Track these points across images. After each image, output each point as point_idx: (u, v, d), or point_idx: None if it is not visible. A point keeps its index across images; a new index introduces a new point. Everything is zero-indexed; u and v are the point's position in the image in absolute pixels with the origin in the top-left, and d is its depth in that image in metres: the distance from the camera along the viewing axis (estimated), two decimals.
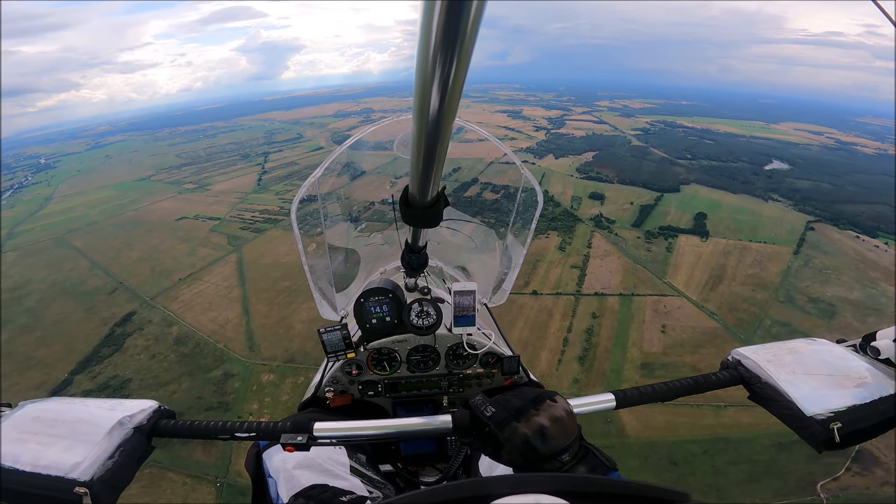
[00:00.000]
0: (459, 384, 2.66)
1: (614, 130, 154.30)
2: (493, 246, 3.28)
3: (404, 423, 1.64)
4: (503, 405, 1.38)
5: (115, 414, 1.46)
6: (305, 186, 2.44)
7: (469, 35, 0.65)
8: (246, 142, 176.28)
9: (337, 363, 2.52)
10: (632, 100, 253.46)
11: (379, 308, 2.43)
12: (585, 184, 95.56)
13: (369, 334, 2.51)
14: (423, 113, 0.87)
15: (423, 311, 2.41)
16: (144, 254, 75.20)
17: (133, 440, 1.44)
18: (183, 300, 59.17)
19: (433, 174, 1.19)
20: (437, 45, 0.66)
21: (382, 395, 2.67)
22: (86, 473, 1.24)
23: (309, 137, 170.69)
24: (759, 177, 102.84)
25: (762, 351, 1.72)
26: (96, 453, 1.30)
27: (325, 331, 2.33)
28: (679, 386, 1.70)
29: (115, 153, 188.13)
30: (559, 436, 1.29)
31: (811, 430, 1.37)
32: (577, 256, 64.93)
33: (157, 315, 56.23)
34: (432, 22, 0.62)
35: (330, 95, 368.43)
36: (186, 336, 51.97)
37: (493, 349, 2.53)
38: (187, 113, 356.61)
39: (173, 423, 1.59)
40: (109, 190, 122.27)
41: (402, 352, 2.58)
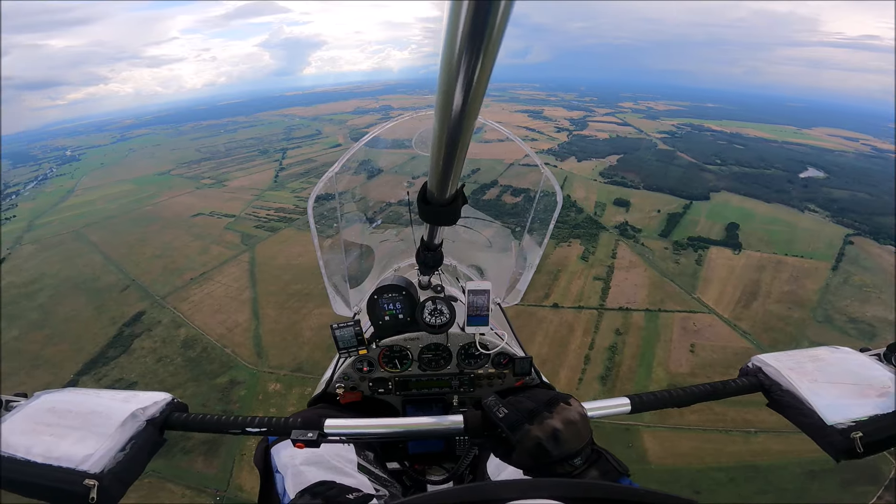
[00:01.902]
0: (470, 384, 2.62)
1: (639, 133, 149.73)
2: (509, 246, 3.22)
3: (415, 423, 1.64)
4: (516, 407, 1.37)
5: (128, 406, 1.48)
6: (322, 182, 2.46)
7: (496, 35, 0.65)
8: (265, 137, 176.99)
9: (348, 360, 2.50)
10: (656, 101, 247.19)
11: (392, 305, 2.43)
12: (610, 189, 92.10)
13: (382, 331, 2.50)
14: (446, 111, 0.87)
15: (437, 310, 2.37)
16: (158, 250, 74.82)
17: (145, 433, 1.45)
18: (193, 301, 58.26)
19: (453, 172, 1.19)
20: (463, 43, 0.66)
21: (393, 393, 2.65)
22: (96, 466, 1.25)
23: (327, 134, 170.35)
24: (794, 185, 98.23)
25: (784, 358, 1.68)
26: (108, 445, 1.32)
27: (337, 327, 2.30)
28: (696, 392, 1.68)
29: (139, 146, 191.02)
30: (572, 439, 1.29)
31: (831, 439, 1.36)
32: (600, 267, 62.10)
33: (167, 316, 55.42)
34: (459, 21, 0.62)
35: (349, 92, 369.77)
36: (194, 339, 50.96)
37: (506, 350, 2.48)
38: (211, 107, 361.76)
39: (185, 416, 1.58)
40: (129, 184, 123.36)
41: (414, 350, 2.55)
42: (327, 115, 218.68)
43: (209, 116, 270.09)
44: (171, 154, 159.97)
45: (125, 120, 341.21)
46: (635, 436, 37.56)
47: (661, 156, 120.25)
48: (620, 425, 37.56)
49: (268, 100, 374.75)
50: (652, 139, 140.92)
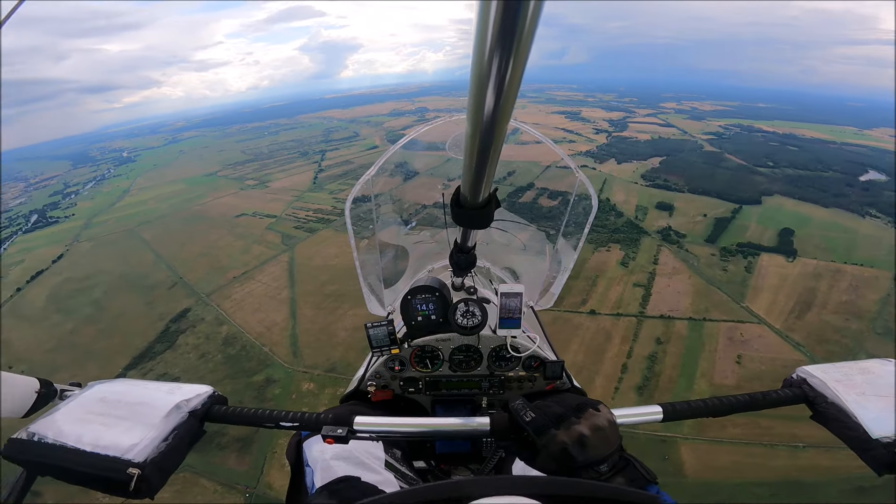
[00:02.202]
0: (500, 386, 2.63)
1: (683, 134, 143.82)
2: (543, 249, 3.23)
3: (442, 423, 1.65)
4: (543, 411, 1.38)
5: (172, 397, 1.53)
6: (359, 185, 2.50)
7: (526, 35, 0.64)
8: (305, 139, 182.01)
9: (381, 358, 2.52)
10: (701, 101, 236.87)
11: (425, 306, 2.43)
12: (651, 192, 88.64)
13: (414, 331, 2.52)
14: (478, 113, 0.86)
15: (469, 311, 2.38)
16: (204, 249, 77.98)
17: (187, 424, 1.50)
18: (235, 299, 60.25)
19: (486, 175, 1.19)
20: (493, 44, 0.66)
21: (423, 393, 2.66)
22: (140, 455, 1.30)
23: (364, 136, 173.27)
24: (853, 189, 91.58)
25: (831, 370, 1.64)
26: (152, 435, 1.37)
27: (371, 326, 2.34)
28: (734, 402, 1.63)
29: (189, 148, 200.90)
30: (599, 445, 1.29)
31: (874, 453, 1.33)
32: (641, 273, 59.70)
33: (210, 313, 57.50)
34: (488, 21, 0.62)
35: (385, 94, 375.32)
36: (234, 337, 52.58)
37: (537, 353, 2.46)
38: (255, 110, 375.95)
39: (225, 408, 1.63)
40: (180, 184, 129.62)
41: (446, 350, 2.56)
42: (364, 118, 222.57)
43: (253, 119, 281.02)
44: (218, 155, 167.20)
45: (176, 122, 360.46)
46: (671, 447, 36.24)
47: (707, 157, 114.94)
48: (656, 436, 36.32)
49: (307, 102, 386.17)
50: (697, 140, 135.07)
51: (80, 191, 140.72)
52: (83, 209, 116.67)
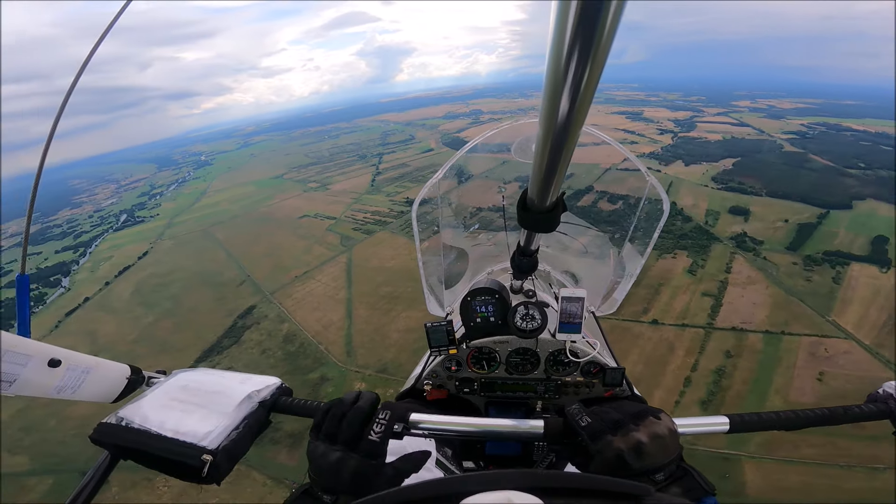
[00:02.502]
0: (556, 390, 2.61)
1: (760, 134, 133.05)
2: (607, 253, 3.18)
3: (496, 424, 1.66)
4: (600, 416, 1.37)
5: (245, 388, 1.59)
6: (427, 187, 2.55)
7: (606, 36, 0.62)
8: (363, 142, 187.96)
9: (438, 358, 2.55)
10: (779, 99, 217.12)
11: (484, 308, 2.46)
12: (724, 195, 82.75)
13: (472, 332, 2.53)
14: (551, 118, 0.85)
15: (529, 315, 2.38)
16: (269, 249, 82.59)
17: (256, 413, 1.55)
18: (296, 298, 63.15)
19: (555, 180, 1.17)
20: (571, 46, 0.64)
21: (477, 394, 2.67)
22: (213, 442, 1.37)
23: (420, 139, 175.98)
24: None
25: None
26: (226, 423, 1.44)
27: (431, 325, 2.37)
28: (811, 415, 1.56)
29: (258, 152, 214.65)
30: (656, 454, 1.25)
31: None
32: (710, 282, 55.89)
33: (273, 311, 60.63)
34: (567, 22, 0.60)
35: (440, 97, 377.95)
36: (294, 335, 54.98)
37: (597, 359, 2.45)
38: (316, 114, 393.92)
39: (290, 400, 1.68)
40: (250, 186, 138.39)
41: (503, 353, 2.56)
42: (419, 121, 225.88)
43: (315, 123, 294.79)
44: (284, 159, 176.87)
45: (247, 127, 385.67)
46: (734, 466, 34.01)
47: (788, 158, 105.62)
48: (718, 454, 34.24)
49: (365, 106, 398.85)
50: (776, 140, 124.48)
51: (164, 192, 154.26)
52: (167, 209, 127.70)
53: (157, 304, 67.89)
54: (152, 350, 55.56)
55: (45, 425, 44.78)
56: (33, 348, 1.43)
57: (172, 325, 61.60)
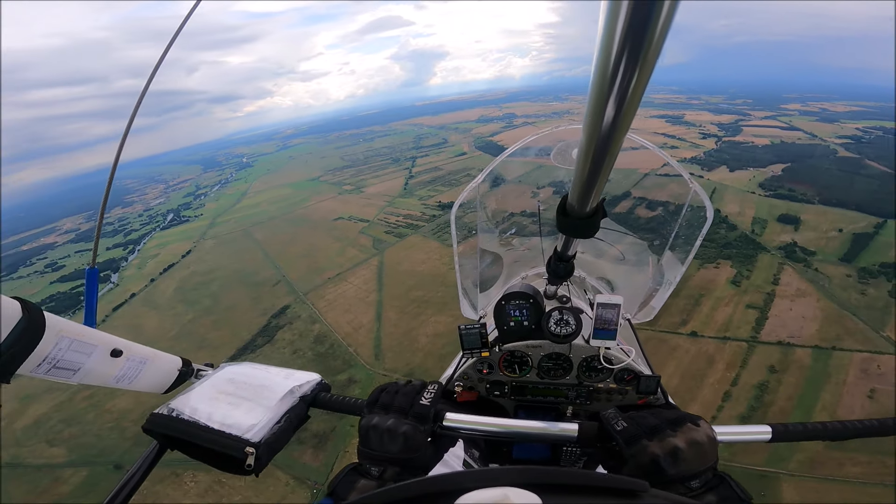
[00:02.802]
0: (588, 396, 2.60)
1: (811, 138, 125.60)
2: (645, 260, 3.16)
3: (528, 426, 1.68)
4: (637, 422, 1.37)
5: (288, 382, 1.65)
6: (467, 191, 2.58)
7: (657, 38, 0.60)
8: (397, 146, 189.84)
9: (471, 360, 2.55)
10: (832, 102, 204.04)
11: (518, 312, 2.45)
12: (772, 203, 78.61)
13: (505, 336, 2.52)
14: (595, 124, 0.85)
15: (563, 320, 2.39)
16: (305, 250, 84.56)
17: (297, 408, 1.61)
18: (328, 299, 64.30)
19: (596, 186, 1.19)
20: (621, 50, 0.63)
21: (508, 397, 2.68)
22: (257, 435, 1.41)
23: (453, 142, 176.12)
24: None
25: None
26: (269, 417, 1.48)
27: (464, 328, 2.36)
28: (859, 426, 1.52)
29: (297, 154, 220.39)
30: (693, 460, 1.24)
31: None
32: (756, 294, 53.11)
33: (306, 311, 61.95)
34: (616, 24, 0.59)
35: (474, 101, 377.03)
36: (325, 336, 55.91)
37: (632, 366, 2.41)
38: (352, 117, 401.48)
39: (329, 396, 1.74)
40: (288, 188, 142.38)
41: (535, 357, 2.56)
42: (453, 124, 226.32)
43: (351, 126, 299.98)
44: (320, 161, 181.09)
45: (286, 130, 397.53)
46: (773, 484, 32.59)
47: (842, 164, 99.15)
48: (755, 471, 32.82)
49: (399, 110, 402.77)
50: (829, 145, 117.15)
51: (208, 193, 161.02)
52: (210, 209, 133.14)
53: (198, 301, 70.54)
54: (191, 346, 57.73)
55: (84, 417, 46.62)
56: (98, 338, 1.46)
57: (210, 323, 63.84)
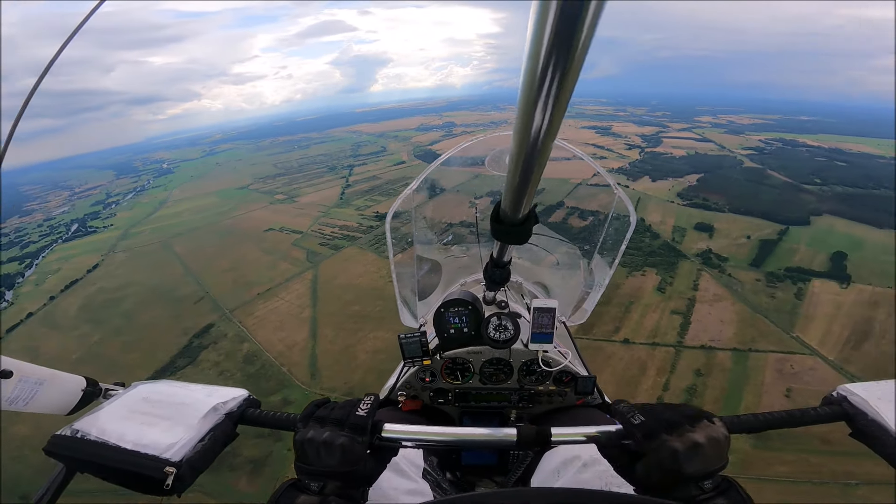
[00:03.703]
0: (530, 399, 2.68)
1: (721, 150, 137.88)
2: (577, 265, 3.26)
3: (469, 433, 1.68)
4: (654, 416, 1.35)
5: (211, 399, 1.58)
6: (401, 199, 2.59)
7: (583, 41, 0.62)
8: (334, 153, 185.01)
9: (412, 369, 2.58)
10: (739, 115, 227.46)
11: (458, 319, 2.49)
12: (690, 212, 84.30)
13: (446, 343, 2.56)
14: (525, 130, 0.86)
15: (502, 325, 2.45)
16: (232, 264, 78.91)
17: (222, 426, 1.54)
18: (258, 316, 60.19)
19: (528, 192, 1.20)
20: (548, 54, 0.64)
21: (452, 404, 2.73)
22: (177, 454, 1.34)
23: (392, 151, 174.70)
24: None
25: (873, 388, 1.62)
26: (190, 435, 1.41)
27: (404, 337, 2.39)
28: (770, 418, 1.61)
29: (224, 160, 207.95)
30: (711, 458, 1.24)
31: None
32: (679, 300, 56.16)
33: (233, 329, 57.48)
34: (544, 30, 0.60)
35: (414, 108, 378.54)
36: (255, 355, 52.15)
37: (569, 368, 2.53)
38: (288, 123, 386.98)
39: (258, 412, 1.67)
40: (214, 197, 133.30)
41: (476, 363, 2.62)
42: (392, 132, 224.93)
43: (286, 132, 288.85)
44: (250, 168, 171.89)
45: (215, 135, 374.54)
46: None
47: (748, 174, 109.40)
48: None
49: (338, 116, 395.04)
50: (737, 156, 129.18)
51: (119, 201, 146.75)
52: (122, 219, 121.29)
53: (106, 320, 63.60)
54: (98, 370, 51.27)
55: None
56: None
57: (121, 344, 57.70)
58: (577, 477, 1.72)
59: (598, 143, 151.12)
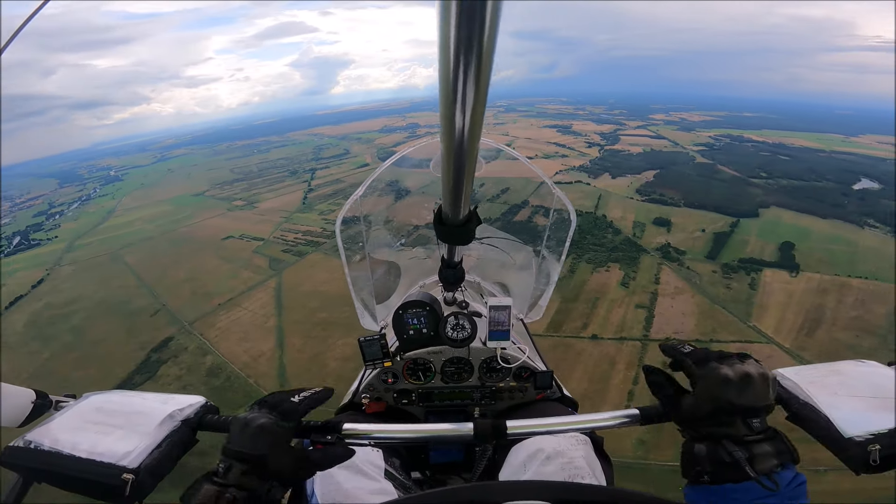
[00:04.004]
0: (492, 396, 2.72)
1: (675, 146, 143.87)
2: (530, 263, 3.33)
3: (429, 429, 1.74)
4: (703, 350, 1.42)
5: (166, 407, 1.57)
6: (349, 203, 2.60)
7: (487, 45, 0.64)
8: (296, 157, 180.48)
9: (374, 371, 2.60)
10: (689, 112, 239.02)
11: (416, 320, 2.53)
12: (648, 207, 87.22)
13: (406, 345, 2.59)
14: (449, 132, 0.88)
15: (459, 325, 2.47)
16: (189, 274, 75.37)
17: (180, 432, 1.53)
18: (220, 327, 57.71)
19: (463, 193, 1.24)
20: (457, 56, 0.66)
21: (416, 404, 2.75)
22: (135, 461, 1.33)
23: (355, 153, 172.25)
24: (848, 198, 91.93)
25: (805, 372, 1.67)
26: (147, 443, 1.41)
27: (364, 340, 2.44)
28: None
29: (178, 166, 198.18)
30: (760, 392, 1.27)
31: (849, 453, 1.33)
32: (643, 294, 57.76)
33: (193, 342, 54.90)
34: (449, 33, 0.62)
35: (377, 110, 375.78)
36: (219, 368, 49.98)
37: (527, 363, 2.55)
38: (245, 127, 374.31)
39: (217, 417, 1.67)
40: (167, 205, 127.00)
41: (437, 363, 2.64)
42: (355, 134, 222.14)
43: (244, 136, 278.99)
44: (206, 174, 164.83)
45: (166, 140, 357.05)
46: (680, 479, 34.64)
47: (700, 170, 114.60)
48: (668, 467, 33.36)
49: (299, 119, 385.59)
50: (689, 152, 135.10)
51: (64, 211, 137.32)
52: (67, 231, 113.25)
53: (55, 336, 59.47)
54: (51, 387, 47.44)
55: None
56: None
57: (74, 361, 54.13)
58: (541, 469, 1.72)
59: (559, 141, 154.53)
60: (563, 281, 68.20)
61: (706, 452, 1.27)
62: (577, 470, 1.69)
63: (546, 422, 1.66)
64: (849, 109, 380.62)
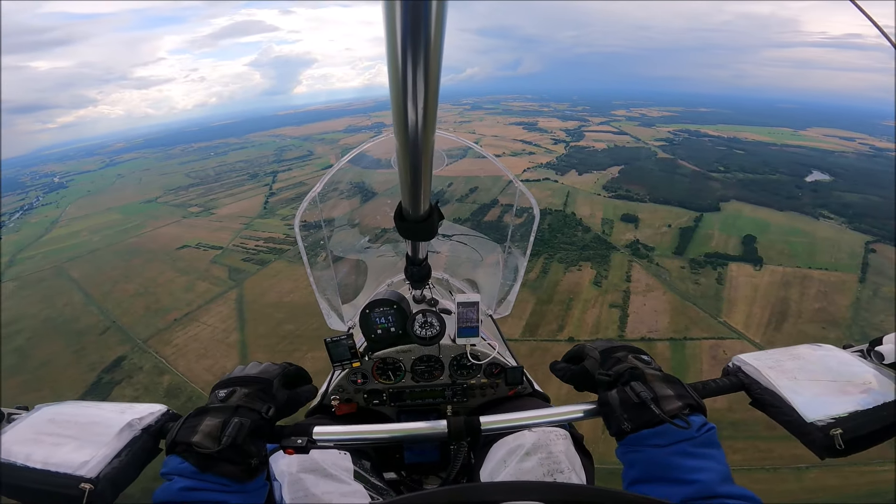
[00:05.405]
0: (463, 394, 2.69)
1: (637, 142, 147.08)
2: (497, 259, 3.33)
3: (401, 428, 1.73)
4: None
5: (125, 416, 1.53)
6: (306, 202, 2.55)
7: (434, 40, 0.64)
8: (256, 160, 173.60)
9: (342, 372, 2.55)
10: (649, 108, 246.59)
11: (384, 319, 2.50)
12: (616, 204, 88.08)
13: (374, 344, 2.57)
14: (402, 127, 0.88)
15: (427, 322, 2.46)
16: (141, 287, 70.62)
17: (140, 441, 1.50)
18: (177, 344, 54.17)
19: (422, 188, 1.23)
20: (404, 51, 0.65)
21: (387, 404, 2.71)
22: (93, 471, 1.30)
23: (319, 154, 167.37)
24: (802, 190, 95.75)
25: (764, 357, 1.69)
26: (105, 452, 1.38)
27: (331, 340, 2.36)
28: None
29: (128, 172, 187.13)
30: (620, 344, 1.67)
31: (812, 437, 1.36)
32: (615, 293, 57.82)
33: (149, 361, 51.46)
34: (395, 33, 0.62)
35: (341, 109, 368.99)
36: (178, 387, 47.12)
37: (498, 360, 2.54)
38: (202, 129, 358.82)
39: None
40: (115, 213, 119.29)
41: (407, 362, 2.61)
42: (318, 135, 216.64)
43: (200, 138, 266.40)
44: (159, 179, 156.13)
45: (115, 143, 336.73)
46: None
47: (662, 165, 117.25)
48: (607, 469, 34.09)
49: (259, 120, 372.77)
50: (650, 147, 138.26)
51: (4, 222, 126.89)
52: (7, 243, 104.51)
53: None
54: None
55: None
56: None
57: (18, 385, 49.96)
58: (520, 465, 1.74)
59: (526, 138, 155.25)
60: (537, 282, 65.99)
61: (618, 399, 1.38)
62: (556, 464, 1.71)
63: (519, 416, 1.67)
64: (795, 103, 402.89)
